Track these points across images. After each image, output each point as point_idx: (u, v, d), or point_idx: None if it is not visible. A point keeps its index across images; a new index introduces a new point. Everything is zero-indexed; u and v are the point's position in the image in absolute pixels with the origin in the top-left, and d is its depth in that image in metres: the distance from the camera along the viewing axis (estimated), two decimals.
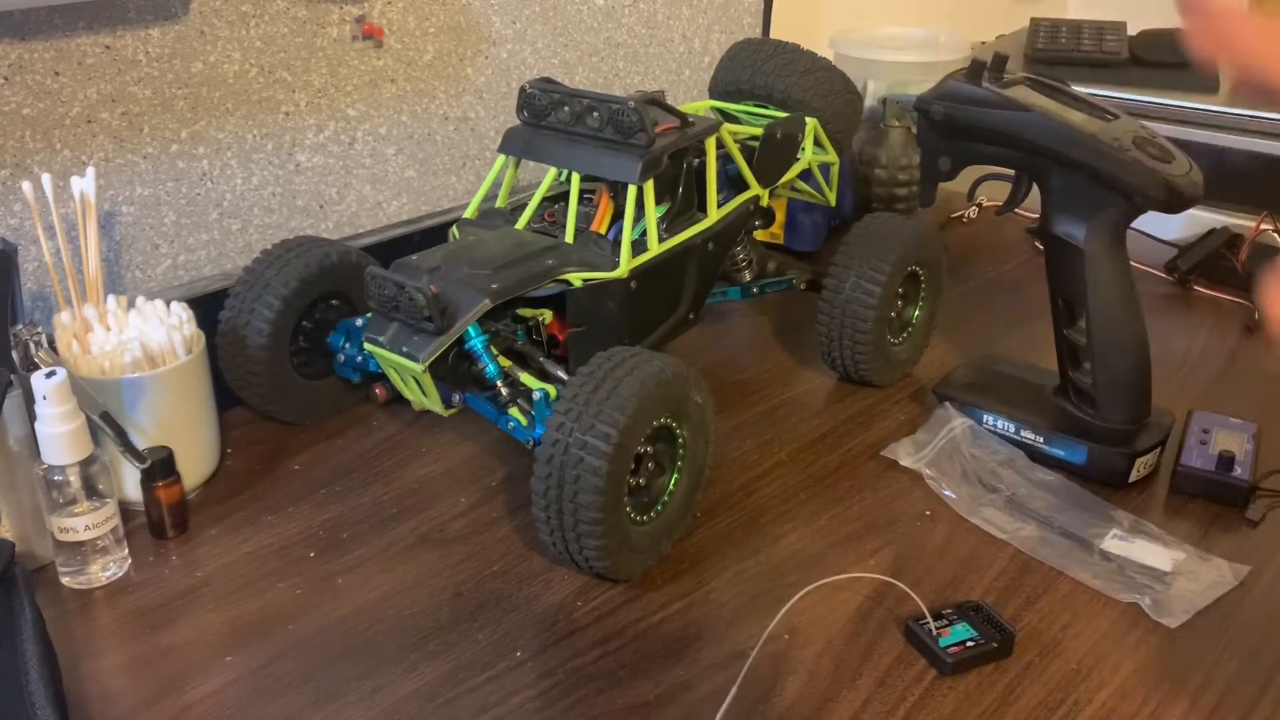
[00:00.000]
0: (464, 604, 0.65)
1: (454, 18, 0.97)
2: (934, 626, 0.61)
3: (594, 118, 0.74)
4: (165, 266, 0.85)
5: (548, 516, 0.63)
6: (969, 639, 0.61)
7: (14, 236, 0.75)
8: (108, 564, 0.67)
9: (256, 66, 0.85)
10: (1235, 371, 0.92)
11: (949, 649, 0.60)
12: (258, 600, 0.65)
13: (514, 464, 0.78)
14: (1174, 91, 1.25)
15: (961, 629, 0.61)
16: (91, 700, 0.58)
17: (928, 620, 0.61)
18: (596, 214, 0.78)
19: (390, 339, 0.69)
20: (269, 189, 0.89)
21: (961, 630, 0.61)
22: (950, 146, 0.77)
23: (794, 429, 0.83)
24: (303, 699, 0.58)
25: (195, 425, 0.73)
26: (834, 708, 0.58)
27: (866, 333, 0.83)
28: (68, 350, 0.70)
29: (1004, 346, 0.95)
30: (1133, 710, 0.58)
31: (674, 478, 0.67)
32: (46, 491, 0.64)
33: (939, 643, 0.60)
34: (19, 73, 0.74)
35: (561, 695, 0.59)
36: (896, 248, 0.83)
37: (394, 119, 0.96)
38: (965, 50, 1.20)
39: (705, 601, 0.65)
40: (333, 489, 0.76)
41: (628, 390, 0.61)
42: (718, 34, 1.23)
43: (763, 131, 0.85)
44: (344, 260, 0.79)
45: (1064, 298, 0.76)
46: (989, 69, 0.74)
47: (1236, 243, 1.07)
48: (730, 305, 1.01)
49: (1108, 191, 0.70)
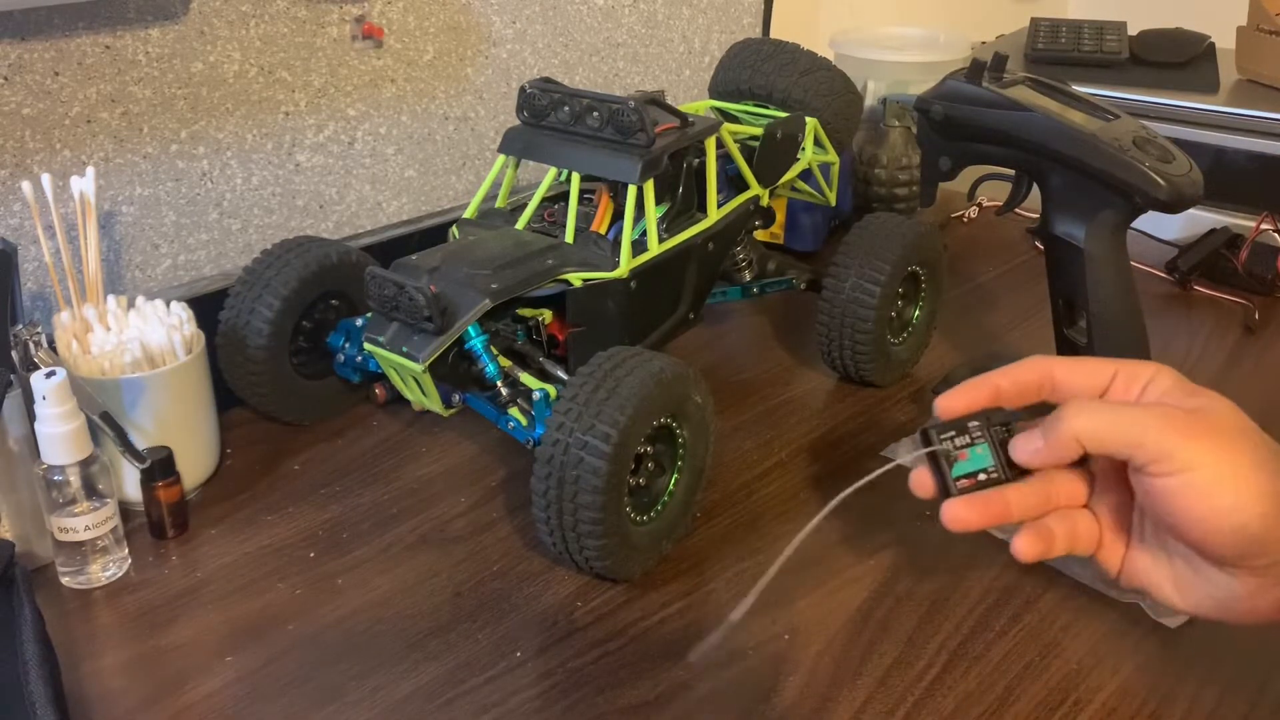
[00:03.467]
0: (464, 604, 0.65)
1: (454, 18, 0.97)
2: (954, 446, 0.52)
3: (594, 118, 0.74)
4: (165, 266, 0.85)
5: (548, 516, 0.63)
6: (984, 469, 0.52)
7: (14, 236, 0.75)
8: (108, 564, 0.67)
9: (256, 66, 0.85)
10: (1235, 371, 0.92)
11: (959, 480, 0.52)
12: (258, 600, 0.65)
13: (514, 464, 0.78)
14: (1174, 91, 1.25)
15: (982, 453, 0.52)
16: (91, 700, 0.58)
17: (950, 434, 0.52)
18: (596, 214, 0.78)
19: (390, 339, 0.69)
20: (269, 189, 0.89)
21: (981, 456, 0.52)
22: (950, 146, 0.77)
23: (794, 429, 0.83)
24: (303, 699, 0.58)
25: (195, 425, 0.73)
26: (834, 708, 0.58)
27: (866, 333, 0.83)
28: (68, 350, 0.70)
29: (1004, 346, 0.95)
30: (1133, 710, 0.58)
31: (674, 478, 0.67)
32: (46, 491, 0.64)
33: (953, 469, 0.52)
34: (19, 73, 0.74)
35: (561, 695, 0.59)
36: (896, 248, 0.83)
37: (394, 119, 0.96)
38: (965, 50, 1.20)
39: (705, 601, 0.65)
40: (333, 489, 0.76)
41: (628, 390, 0.61)
42: (718, 34, 1.23)
43: (763, 131, 0.85)
44: (344, 260, 0.79)
45: (1064, 298, 0.76)
46: (989, 69, 0.74)
47: (1236, 243, 1.07)
48: (730, 305, 1.01)
49: (1108, 191, 0.70)
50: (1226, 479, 0.44)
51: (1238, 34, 1.29)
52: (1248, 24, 1.27)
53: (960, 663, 0.61)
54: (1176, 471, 0.45)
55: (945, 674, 0.60)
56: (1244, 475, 0.45)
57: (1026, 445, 0.50)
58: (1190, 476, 0.45)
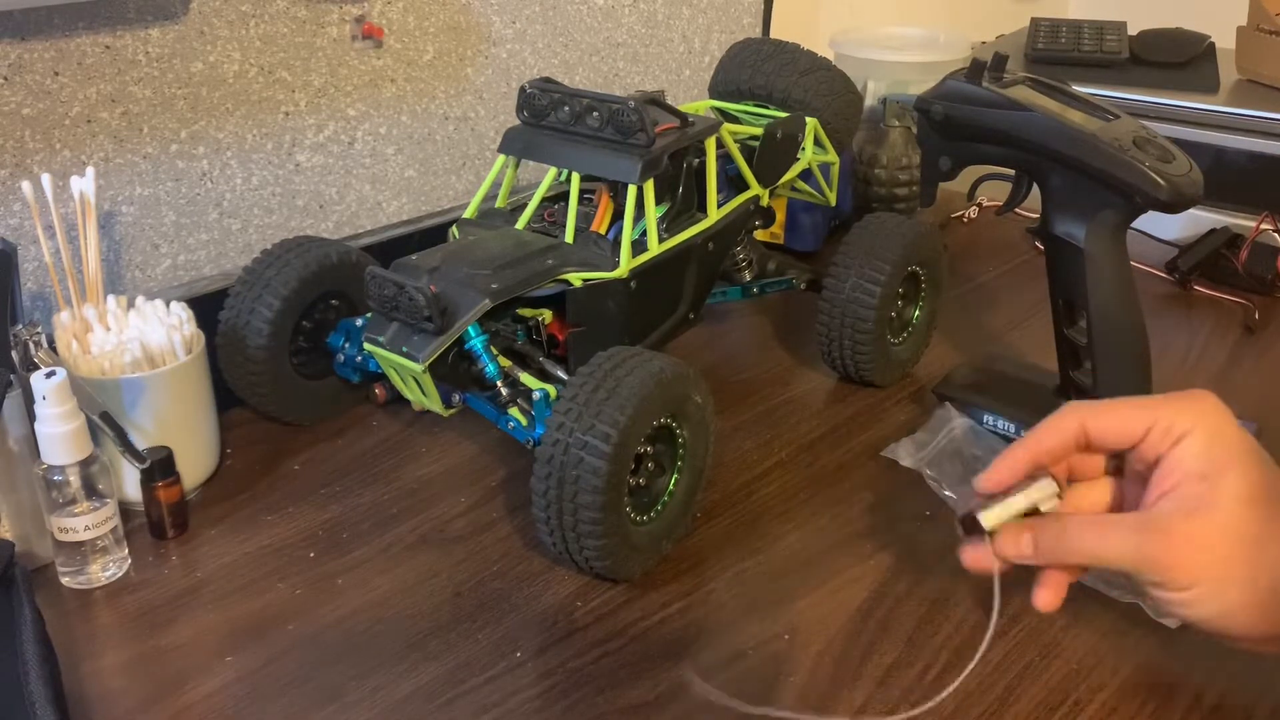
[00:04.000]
0: (464, 604, 0.65)
1: (454, 18, 0.97)
2: None
3: (594, 118, 0.74)
4: (165, 266, 0.85)
5: (548, 516, 0.63)
6: None
7: (14, 236, 0.75)
8: (108, 564, 0.67)
9: (256, 66, 0.85)
10: (1235, 371, 0.92)
11: None
12: (258, 600, 0.65)
13: (514, 464, 0.78)
14: (1174, 91, 1.25)
15: None
16: (91, 700, 0.58)
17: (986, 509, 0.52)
18: (596, 214, 0.78)
19: (390, 339, 0.69)
20: (269, 189, 0.89)
21: None
22: (950, 146, 0.77)
23: (794, 429, 0.83)
24: (303, 699, 0.58)
25: (195, 425, 0.73)
26: (834, 708, 0.58)
27: (867, 333, 0.83)
28: (67, 350, 0.70)
29: (1004, 346, 0.95)
30: (1133, 710, 0.58)
31: (674, 478, 0.67)
32: (46, 491, 0.64)
33: None
34: (19, 73, 0.74)
35: (561, 695, 0.59)
36: (896, 248, 0.83)
37: (394, 119, 0.96)
38: (965, 50, 1.20)
39: (705, 601, 0.65)
40: (333, 489, 0.76)
41: (628, 390, 0.61)
42: (718, 34, 1.23)
43: (763, 131, 0.85)
44: (344, 260, 0.79)
45: (1064, 298, 0.76)
46: (989, 69, 0.74)
47: (1236, 243, 1.07)
48: (730, 305, 1.01)
49: (1108, 191, 0.70)
50: (1214, 597, 0.49)
51: (1238, 34, 1.29)
52: (1248, 24, 1.27)
53: (960, 663, 0.61)
54: (1173, 592, 0.49)
55: (945, 674, 0.60)
56: (1236, 590, 0.49)
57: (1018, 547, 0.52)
58: (1185, 595, 0.49)
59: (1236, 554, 0.49)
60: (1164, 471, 0.51)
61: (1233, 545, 0.49)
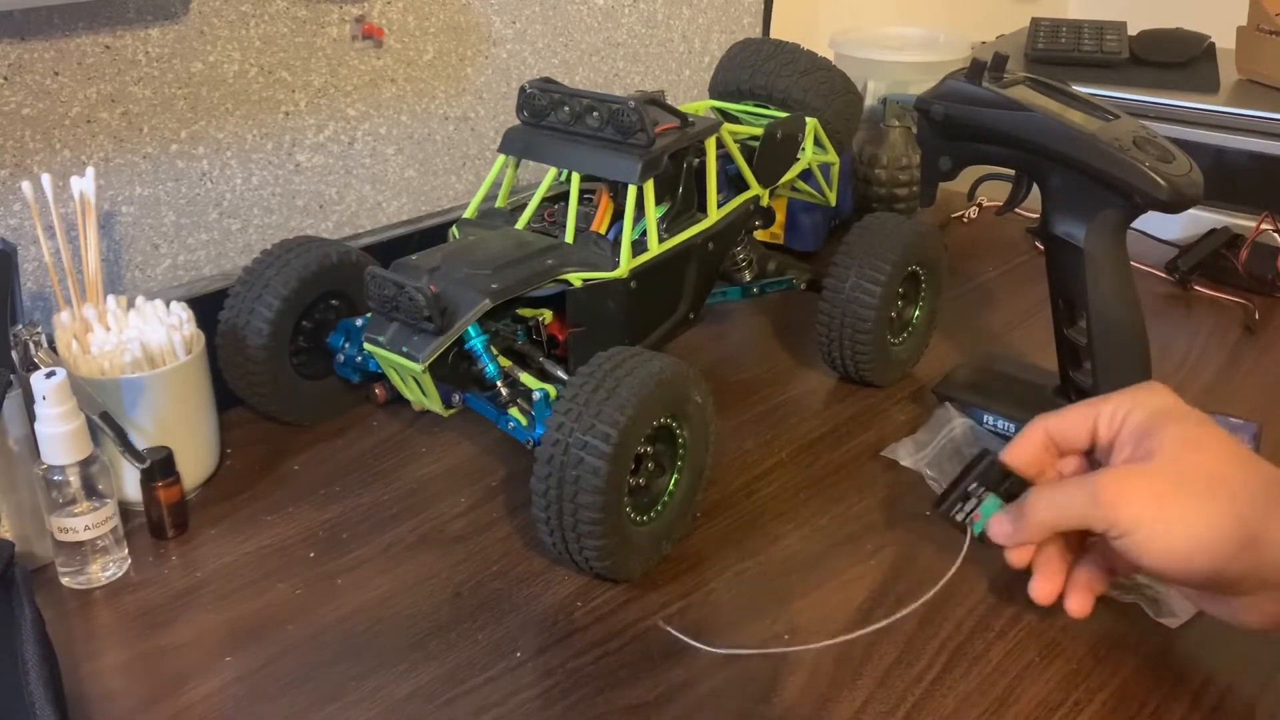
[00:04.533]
0: (464, 604, 0.65)
1: (454, 18, 0.97)
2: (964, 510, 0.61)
3: (594, 118, 0.74)
4: (165, 266, 0.85)
5: (548, 516, 0.63)
6: None
7: (14, 236, 0.75)
8: (108, 564, 0.67)
9: (256, 66, 0.85)
10: (1235, 371, 0.92)
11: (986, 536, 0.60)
12: (257, 600, 0.65)
13: (514, 464, 0.78)
14: (1174, 91, 1.25)
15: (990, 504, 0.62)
16: (91, 700, 0.58)
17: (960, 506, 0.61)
18: (596, 214, 0.78)
19: (390, 339, 0.69)
20: (269, 189, 0.89)
21: (991, 505, 0.62)
22: (950, 146, 0.77)
23: (794, 429, 0.83)
24: (303, 699, 0.58)
25: (195, 425, 0.73)
26: (834, 708, 0.58)
27: (867, 333, 0.83)
28: (67, 350, 0.70)
29: (1004, 346, 0.95)
30: (1133, 710, 0.58)
31: (674, 478, 0.67)
32: (46, 491, 0.64)
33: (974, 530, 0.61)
34: (19, 73, 0.74)
35: (561, 695, 0.59)
36: (896, 248, 0.83)
37: (394, 119, 0.96)
38: (965, 50, 1.20)
39: (705, 602, 0.65)
40: (332, 489, 0.76)
41: (628, 390, 0.61)
42: (718, 34, 1.23)
43: (763, 131, 0.85)
44: (344, 260, 0.79)
45: (1064, 298, 0.76)
46: (989, 69, 0.74)
47: (1236, 243, 1.07)
48: (730, 305, 1.01)
49: (1108, 191, 0.70)
50: (1160, 537, 0.52)
51: (1238, 34, 1.29)
52: (1248, 24, 1.27)
53: (960, 663, 0.61)
54: (1122, 535, 0.53)
55: (945, 674, 0.60)
56: (1181, 526, 0.51)
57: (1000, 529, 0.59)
58: (1133, 538, 0.52)
59: (1178, 492, 0.51)
60: (1116, 447, 0.56)
61: (1171, 484, 0.52)
